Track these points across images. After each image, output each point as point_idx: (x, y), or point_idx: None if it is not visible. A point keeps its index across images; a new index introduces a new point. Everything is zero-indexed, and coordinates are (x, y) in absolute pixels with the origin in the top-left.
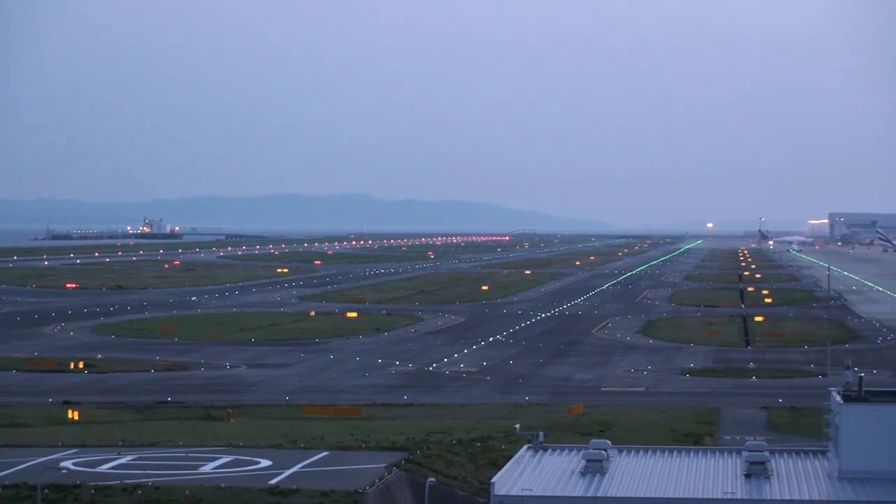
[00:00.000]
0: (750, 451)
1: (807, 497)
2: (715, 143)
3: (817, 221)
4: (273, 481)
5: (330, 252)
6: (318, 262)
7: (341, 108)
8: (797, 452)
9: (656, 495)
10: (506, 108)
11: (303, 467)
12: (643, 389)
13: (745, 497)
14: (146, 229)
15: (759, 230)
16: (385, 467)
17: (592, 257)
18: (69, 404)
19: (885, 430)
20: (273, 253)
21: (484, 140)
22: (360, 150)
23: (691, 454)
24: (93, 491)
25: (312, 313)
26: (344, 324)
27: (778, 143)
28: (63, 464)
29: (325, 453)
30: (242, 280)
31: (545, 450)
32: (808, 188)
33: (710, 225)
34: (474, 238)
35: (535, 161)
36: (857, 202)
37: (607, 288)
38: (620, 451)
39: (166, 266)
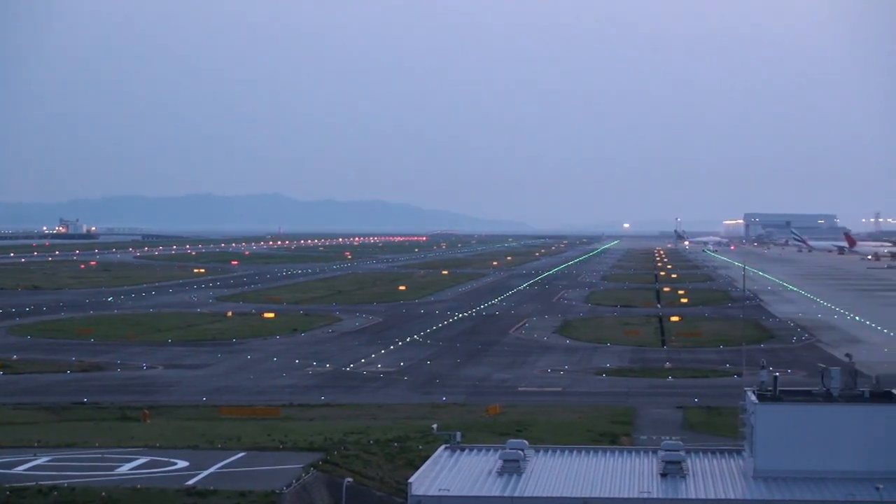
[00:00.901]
0: (666, 450)
1: (722, 496)
2: (631, 143)
3: (732, 222)
4: (190, 482)
5: (247, 252)
6: (236, 263)
7: (258, 108)
8: (713, 452)
9: (573, 495)
10: (423, 109)
11: (220, 468)
12: (560, 389)
13: (661, 496)
14: (62, 229)
15: (675, 230)
16: (302, 468)
17: (510, 257)
18: None
19: (800, 430)
20: (190, 253)
21: (401, 140)
22: (278, 150)
23: (608, 454)
24: (7, 493)
25: (229, 314)
26: (261, 324)
27: (693, 144)
28: None
29: (242, 454)
30: (159, 280)
31: (462, 450)
32: (723, 189)
33: (626, 225)
34: (392, 238)
35: (453, 161)
36: (771, 203)
37: (524, 288)
38: (537, 450)
39: (82, 266)
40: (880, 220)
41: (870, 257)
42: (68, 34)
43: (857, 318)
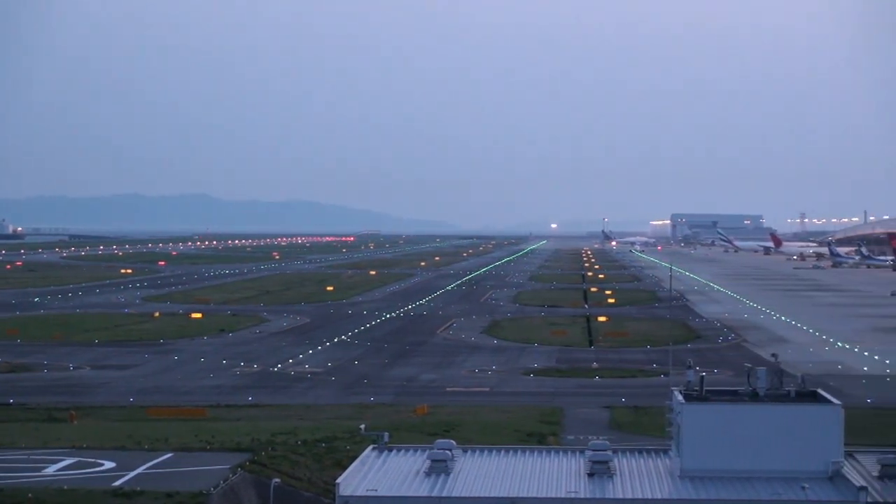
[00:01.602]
0: (593, 450)
1: (649, 496)
2: (558, 143)
3: (659, 222)
4: (117, 483)
5: (174, 253)
6: (163, 263)
7: (183, 107)
8: (640, 451)
9: (501, 495)
10: (350, 109)
11: (147, 469)
12: (488, 389)
13: (588, 496)
14: None
15: (603, 231)
16: (230, 468)
17: (437, 258)
18: None
19: (726, 430)
20: (117, 254)
21: (329, 140)
22: (204, 150)
23: (535, 454)
24: None
25: (157, 314)
26: (188, 325)
27: (620, 144)
28: None
29: (169, 455)
30: (86, 281)
31: (390, 450)
32: (650, 189)
33: (553, 225)
34: (319, 239)
35: (380, 161)
36: (698, 203)
37: (452, 288)
38: (465, 450)
39: (8, 267)
40: (805, 220)
41: (795, 257)
42: None
43: (782, 317)
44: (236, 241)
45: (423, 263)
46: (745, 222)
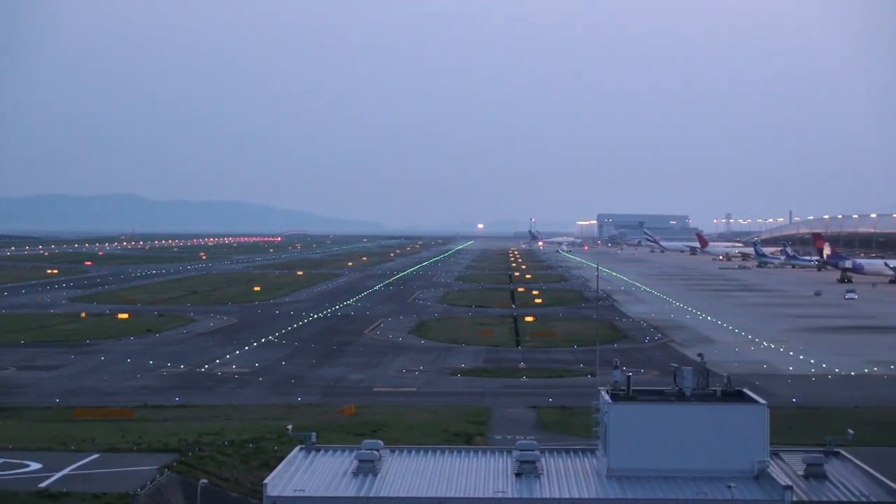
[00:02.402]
0: (520, 450)
1: (576, 495)
2: (485, 143)
3: (586, 222)
4: (43, 484)
5: (101, 253)
6: (89, 263)
7: (111, 106)
8: (567, 451)
9: (428, 495)
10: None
11: (73, 470)
12: (415, 390)
13: (515, 496)
14: None
15: (530, 231)
16: (157, 469)
17: (364, 258)
18: None
19: (652, 429)
20: (43, 254)
21: (256, 140)
22: (131, 149)
23: (463, 454)
24: None
25: (83, 314)
26: (115, 325)
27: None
28: None
29: (96, 455)
30: (11, 281)
31: (318, 450)
32: (577, 189)
33: (480, 226)
34: (246, 239)
35: (307, 162)
36: (625, 203)
37: (379, 288)
38: (392, 451)
39: None
40: (731, 220)
41: (721, 258)
42: None
43: (708, 317)
44: (163, 242)
45: (350, 264)
46: (672, 223)
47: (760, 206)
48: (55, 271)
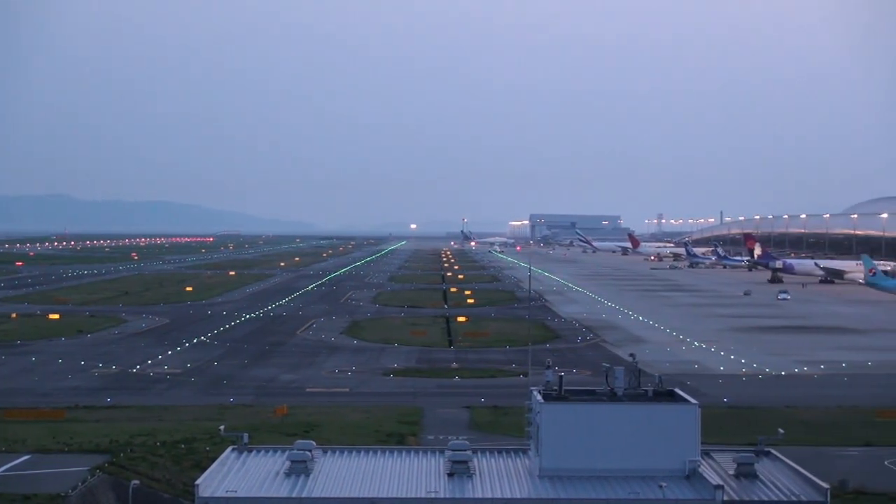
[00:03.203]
0: (453, 450)
1: (508, 495)
2: (417, 144)
3: (519, 223)
4: None
5: (32, 253)
6: (20, 264)
7: (40, 105)
8: (499, 451)
9: (360, 495)
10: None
11: (4, 471)
12: (347, 390)
13: (448, 496)
14: None
15: (462, 231)
16: (88, 470)
17: (297, 258)
18: None
19: (585, 429)
20: None
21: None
22: (62, 149)
23: (395, 454)
24: None
25: (14, 315)
26: (46, 326)
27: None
28: None
29: (26, 457)
30: None
31: (250, 451)
32: (510, 190)
33: (413, 226)
34: (178, 239)
35: (238, 162)
36: (557, 204)
37: (312, 289)
38: (325, 451)
39: None
40: (663, 221)
41: (652, 258)
42: None
43: (640, 317)
44: (95, 242)
45: (282, 264)
46: (604, 223)
47: (692, 207)
48: None
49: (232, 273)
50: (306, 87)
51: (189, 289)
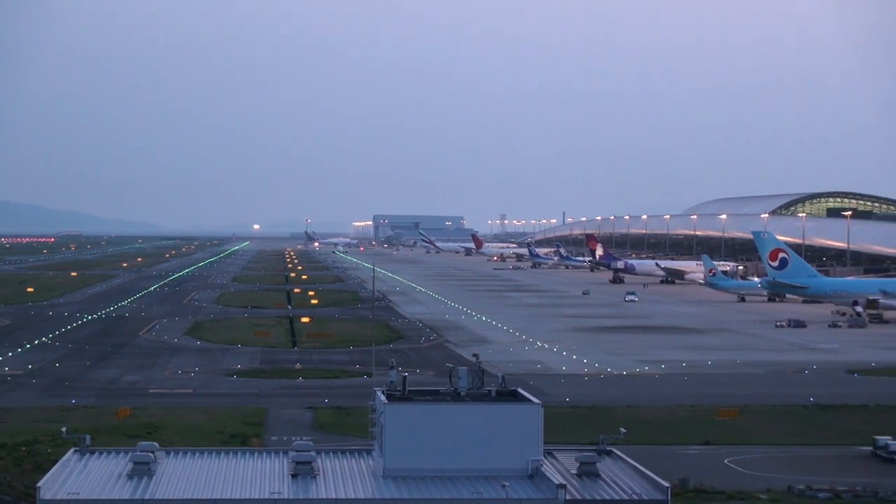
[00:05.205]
0: (296, 451)
1: (352, 496)
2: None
3: (362, 223)
4: None
5: None
6: None
7: None
8: (343, 452)
9: (203, 496)
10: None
11: None
12: (190, 391)
13: (291, 497)
14: None
15: (306, 231)
16: None
17: (140, 259)
18: None
19: (428, 429)
20: None
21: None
22: None
23: (239, 455)
24: None
25: None
26: None
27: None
28: None
29: None
30: None
31: (92, 453)
32: (353, 190)
33: (256, 226)
34: (18, 239)
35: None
36: (401, 205)
37: (155, 290)
38: (168, 452)
39: None
40: (506, 221)
41: (495, 258)
42: None
43: (483, 318)
44: None
45: (125, 265)
46: (447, 223)
47: (535, 208)
48: None
49: (74, 274)
50: (149, 84)
51: (30, 290)
